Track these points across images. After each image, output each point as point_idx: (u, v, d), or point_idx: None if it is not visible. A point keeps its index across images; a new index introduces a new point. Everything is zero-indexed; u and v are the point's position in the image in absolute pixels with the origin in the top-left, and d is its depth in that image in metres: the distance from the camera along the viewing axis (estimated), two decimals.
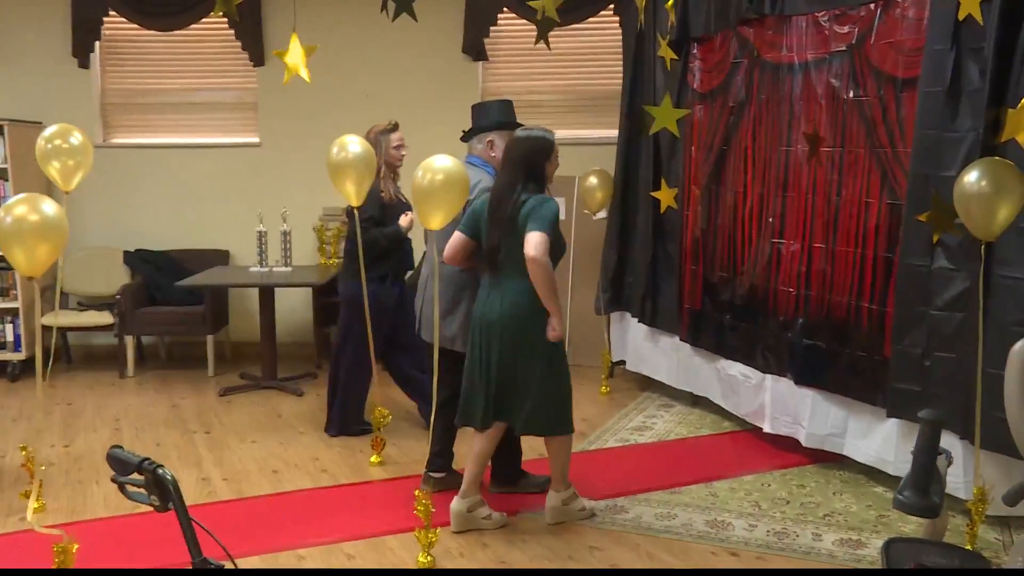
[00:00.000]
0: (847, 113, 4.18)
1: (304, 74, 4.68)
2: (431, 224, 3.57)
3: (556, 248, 3.51)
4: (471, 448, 3.73)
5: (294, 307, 6.74)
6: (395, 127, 4.81)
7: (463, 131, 4.07)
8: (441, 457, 4.09)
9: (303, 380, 6.09)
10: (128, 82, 6.86)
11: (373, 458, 4.54)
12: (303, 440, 4.95)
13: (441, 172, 3.49)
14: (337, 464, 4.57)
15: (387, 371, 5.05)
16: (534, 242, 3.41)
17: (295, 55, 4.54)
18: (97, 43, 6.70)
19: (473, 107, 4.10)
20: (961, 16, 3.59)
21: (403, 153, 4.80)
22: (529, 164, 3.55)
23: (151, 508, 1.88)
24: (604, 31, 6.59)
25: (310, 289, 6.39)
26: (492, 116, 4.00)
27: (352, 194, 4.30)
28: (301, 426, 5.19)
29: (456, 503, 3.73)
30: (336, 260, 6.47)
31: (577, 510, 3.87)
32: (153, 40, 6.77)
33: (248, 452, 4.76)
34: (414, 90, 6.68)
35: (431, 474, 4.09)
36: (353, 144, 4.29)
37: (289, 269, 6.15)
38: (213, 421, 5.31)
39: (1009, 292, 3.46)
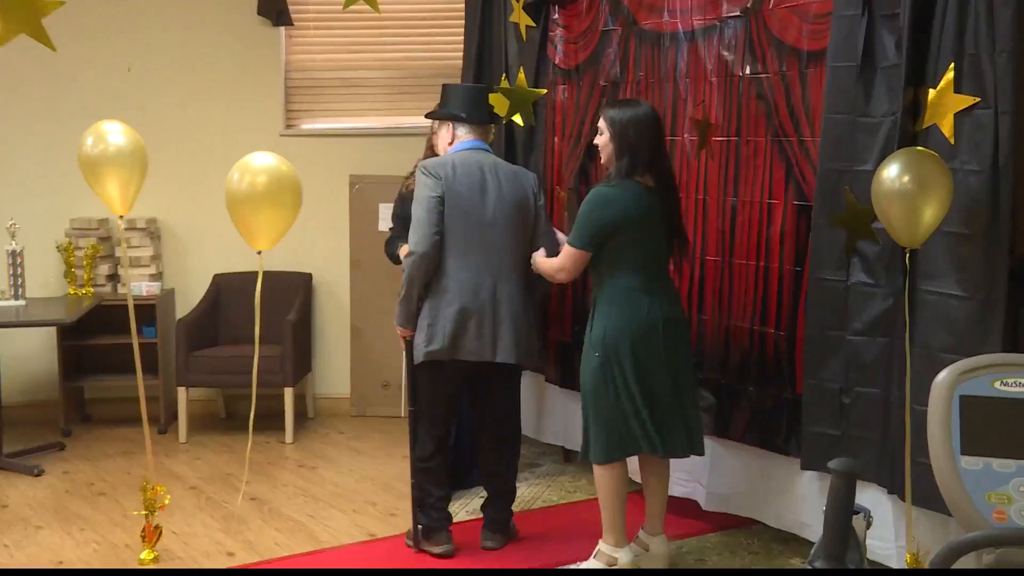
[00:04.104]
0: (743, 94, 4.30)
1: (28, 33, 4.32)
2: (260, 245, 3.47)
3: None
4: (651, 483, 4.14)
5: (29, 355, 6.44)
6: None
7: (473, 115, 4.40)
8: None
9: (44, 454, 5.82)
10: None
11: (144, 554, 4.33)
12: (41, 538, 4.67)
13: (263, 173, 3.40)
14: (91, 567, 4.34)
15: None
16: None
17: (22, 9, 4.20)
18: None
19: (468, 88, 4.52)
20: None
21: None
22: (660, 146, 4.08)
23: None
24: None
25: (54, 329, 6.14)
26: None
27: (116, 200, 4.13)
28: (39, 519, 4.90)
29: (662, 545, 4.16)
30: (90, 289, 6.18)
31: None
32: None
33: None
34: (193, 62, 6.58)
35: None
36: (114, 133, 4.12)
37: (21, 303, 5.94)
38: None
39: (934, 310, 3.59)
